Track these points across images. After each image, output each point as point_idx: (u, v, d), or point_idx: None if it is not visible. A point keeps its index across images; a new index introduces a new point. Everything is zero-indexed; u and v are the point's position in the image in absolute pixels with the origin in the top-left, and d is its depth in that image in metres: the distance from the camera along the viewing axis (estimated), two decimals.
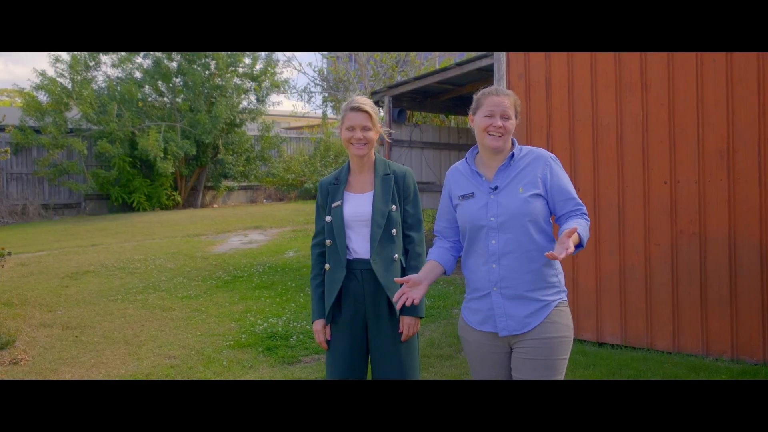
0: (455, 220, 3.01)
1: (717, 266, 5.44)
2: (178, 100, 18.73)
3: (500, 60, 6.85)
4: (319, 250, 3.46)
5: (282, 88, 20.04)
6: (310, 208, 18.15)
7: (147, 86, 18.59)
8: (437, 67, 11.78)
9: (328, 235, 3.37)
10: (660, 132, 5.70)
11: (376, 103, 9.89)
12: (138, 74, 18.69)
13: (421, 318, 3.35)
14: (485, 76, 9.06)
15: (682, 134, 5.59)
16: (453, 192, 3.03)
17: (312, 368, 5.48)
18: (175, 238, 13.17)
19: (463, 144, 10.93)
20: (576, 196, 2.87)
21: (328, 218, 3.37)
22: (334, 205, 3.36)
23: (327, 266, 3.37)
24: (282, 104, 57.75)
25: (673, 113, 5.63)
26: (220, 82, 18.93)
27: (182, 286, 8.62)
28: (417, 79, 9.34)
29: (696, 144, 5.50)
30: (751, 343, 5.31)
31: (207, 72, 18.57)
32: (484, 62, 8.23)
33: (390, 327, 3.30)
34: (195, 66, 18.21)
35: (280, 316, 6.91)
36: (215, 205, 20.33)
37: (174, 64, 18.49)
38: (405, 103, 9.99)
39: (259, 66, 19.73)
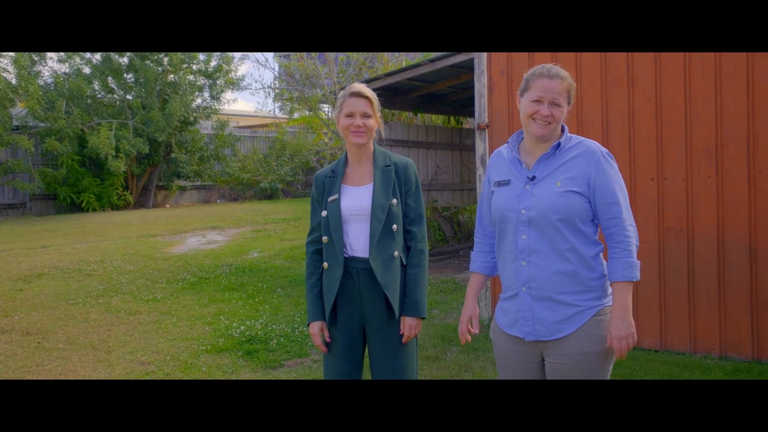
0: None
1: (705, 263, 5.41)
2: (129, 97, 18.14)
3: (481, 56, 6.73)
4: (314, 247, 3.25)
5: (238, 86, 19.64)
6: (267, 207, 17.82)
7: (96, 82, 17.95)
8: (404, 64, 11.62)
9: (324, 231, 3.16)
10: (647, 128, 5.65)
11: None
12: (87, 69, 18.04)
13: (423, 318, 3.17)
14: (457, 73, 8.94)
15: (669, 130, 5.55)
16: (491, 177, 2.84)
17: (296, 372, 5.25)
18: (130, 239, 12.71)
19: (432, 142, 10.80)
20: (621, 201, 2.58)
21: (323, 213, 3.16)
22: (330, 199, 3.15)
23: (325, 265, 3.16)
24: (237, 102, 56.99)
25: (661, 109, 5.58)
26: (174, 79, 18.43)
27: (146, 289, 8.26)
28: (388, 75, 9.15)
29: (684, 140, 5.47)
30: (739, 341, 5.30)
31: (160, 68, 18.04)
32: (458, 58, 8.08)
33: (389, 329, 3.11)
34: (147, 62, 17.67)
35: (256, 319, 6.65)
36: (168, 205, 19.77)
37: (125, 60, 17.91)
38: None
39: (213, 63, 19.29)
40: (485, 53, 6.66)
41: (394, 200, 3.10)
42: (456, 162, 11.16)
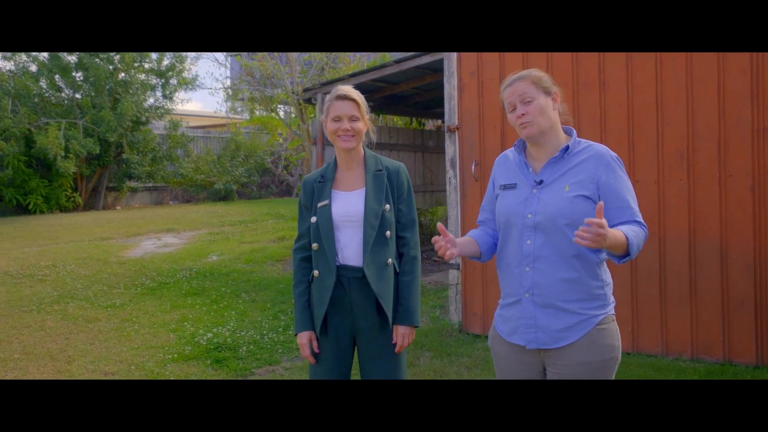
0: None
1: (676, 266, 5.45)
2: (78, 96, 17.62)
3: (451, 57, 6.67)
4: (302, 254, 3.13)
5: (192, 85, 19.27)
6: (222, 209, 17.52)
7: (44, 80, 17.38)
8: (365, 65, 11.53)
9: (314, 238, 3.04)
10: (618, 131, 5.67)
11: (308, 100, 9.54)
12: (33, 67, 17.45)
13: (416, 327, 3.08)
14: (422, 74, 8.89)
15: (641, 134, 5.57)
16: (497, 180, 2.76)
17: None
18: (81, 242, 12.31)
19: (394, 143, 10.72)
20: (635, 206, 2.51)
21: (313, 219, 3.05)
22: (320, 204, 3.03)
23: (316, 273, 3.04)
24: (191, 102, 56.05)
25: (632, 113, 5.60)
26: (125, 78, 17.97)
27: (103, 294, 7.97)
28: (352, 76, 9.04)
29: (655, 144, 5.50)
30: (710, 343, 5.34)
31: (111, 66, 17.56)
32: (424, 59, 8.04)
33: (381, 339, 3.01)
34: (97, 60, 17.18)
35: (222, 326, 6.46)
36: (118, 207, 19.27)
37: (74, 58, 17.38)
38: None
39: (166, 62, 18.88)
40: (455, 54, 6.61)
41: (387, 206, 3.00)
42: (419, 164, 11.11)
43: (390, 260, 3.00)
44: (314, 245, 3.03)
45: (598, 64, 5.73)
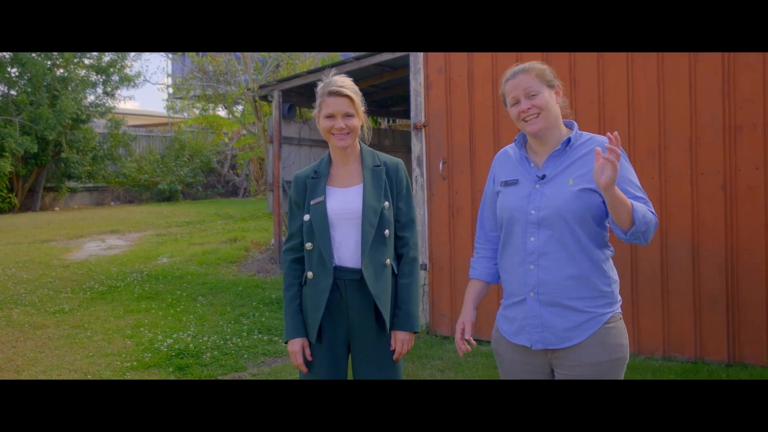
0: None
1: (648, 264, 5.43)
2: (14, 92, 16.87)
3: (417, 54, 6.54)
4: (293, 255, 2.92)
5: (134, 82, 18.70)
6: (167, 210, 17.05)
7: None
8: (319, 63, 11.31)
9: (308, 236, 2.84)
10: (590, 130, 5.57)
11: (265, 97, 9.28)
12: None
13: (416, 333, 2.92)
14: (380, 72, 8.74)
15: (612, 129, 5.52)
16: (497, 176, 2.64)
17: None
18: (20, 244, 11.76)
19: None
20: (642, 193, 2.44)
21: (306, 217, 2.84)
22: (313, 201, 2.83)
23: (309, 274, 2.85)
24: (135, 99, 54.59)
25: (603, 111, 5.57)
26: (64, 74, 17.28)
27: (50, 299, 7.57)
28: (310, 73, 8.82)
29: (627, 142, 5.47)
30: (682, 341, 5.34)
31: (49, 62, 16.87)
32: (385, 56, 7.89)
33: (378, 345, 2.83)
34: (34, 56, 16.47)
35: (183, 331, 6.17)
36: (57, 208, 18.55)
37: (8, 53, 16.64)
38: (294, 98, 9.44)
39: (107, 58, 18.25)
40: (421, 52, 6.48)
41: (386, 203, 2.83)
42: None
43: (388, 261, 2.83)
44: (308, 245, 2.84)
45: (569, 63, 5.68)
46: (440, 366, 5.30)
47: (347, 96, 2.77)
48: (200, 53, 9.77)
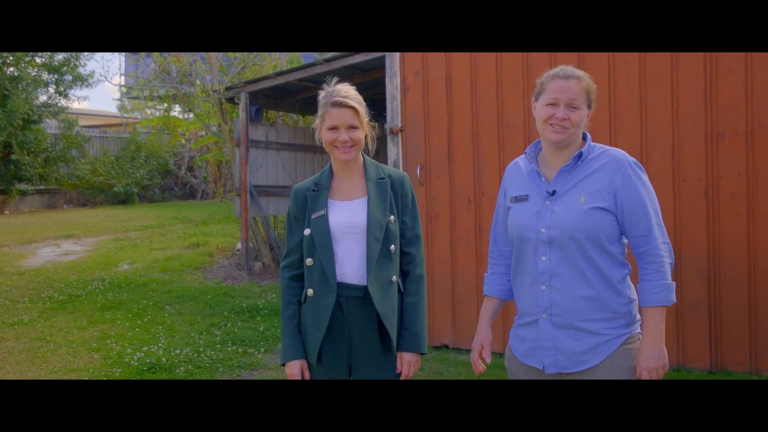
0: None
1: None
2: None
3: (393, 56, 6.41)
4: (292, 272, 2.77)
5: (87, 82, 18.17)
6: (124, 213, 16.60)
7: None
8: (284, 66, 11.10)
9: (308, 252, 2.69)
10: None
11: (231, 99, 9.04)
12: None
13: (423, 354, 2.76)
14: (351, 74, 8.58)
15: (593, 137, 5.46)
16: (507, 191, 2.54)
17: None
18: None
19: (318, 146, 10.33)
20: (652, 216, 2.32)
21: (307, 231, 2.69)
22: (315, 215, 2.68)
23: (310, 291, 2.69)
24: (89, 99, 53.28)
25: None
26: (15, 73, 16.68)
27: (6, 310, 7.22)
28: (279, 75, 8.62)
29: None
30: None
31: None
32: (357, 58, 7.75)
33: (383, 367, 2.69)
34: None
35: (152, 343, 5.92)
36: (6, 212, 17.88)
37: None
38: (261, 100, 9.22)
39: (60, 56, 17.68)
40: (397, 53, 6.35)
41: (392, 217, 2.68)
42: None
43: (395, 278, 2.69)
44: (308, 260, 2.69)
45: (549, 65, 5.57)
46: (420, 376, 5.18)
47: (352, 107, 2.63)
48: (164, 53, 9.47)
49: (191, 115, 20.36)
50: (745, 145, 5.02)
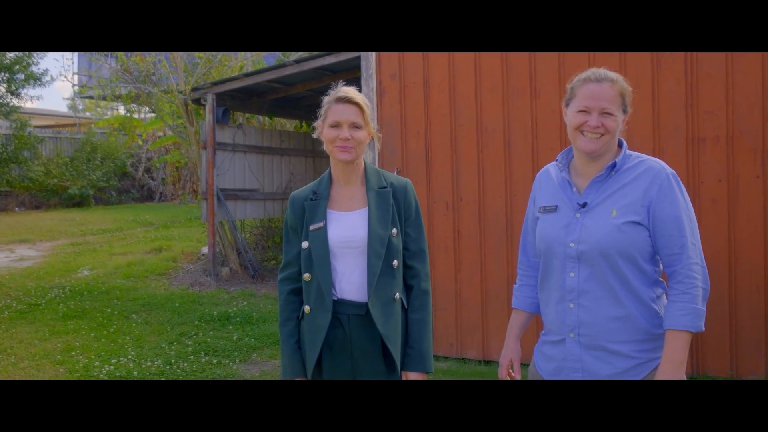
0: None
1: None
2: None
3: (369, 57, 6.28)
4: (290, 286, 2.62)
5: (40, 81, 17.61)
6: (80, 217, 16.14)
7: None
8: (250, 66, 10.88)
9: (305, 267, 2.54)
10: (551, 139, 5.51)
11: (197, 101, 8.80)
12: None
13: (429, 374, 2.63)
14: (320, 76, 8.43)
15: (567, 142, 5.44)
16: (537, 200, 2.40)
17: None
18: None
19: (286, 148, 10.17)
20: (687, 233, 2.15)
21: (304, 244, 2.54)
22: (313, 227, 2.53)
23: (306, 308, 2.55)
24: (43, 99, 51.79)
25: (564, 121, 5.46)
26: None
27: None
28: (247, 75, 8.42)
29: None
30: None
31: None
32: (328, 60, 7.60)
33: None
34: None
35: (121, 355, 5.67)
36: None
37: None
38: (228, 101, 8.99)
39: (11, 54, 17.10)
40: (373, 54, 6.22)
41: (394, 230, 2.54)
42: (309, 169, 10.64)
43: (397, 295, 2.54)
44: (306, 275, 2.54)
45: (528, 69, 5.55)
46: None
47: (357, 104, 2.50)
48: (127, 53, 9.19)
49: (149, 116, 19.97)
50: (725, 150, 5.02)
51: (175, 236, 12.34)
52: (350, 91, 2.53)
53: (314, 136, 2.64)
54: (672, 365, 2.09)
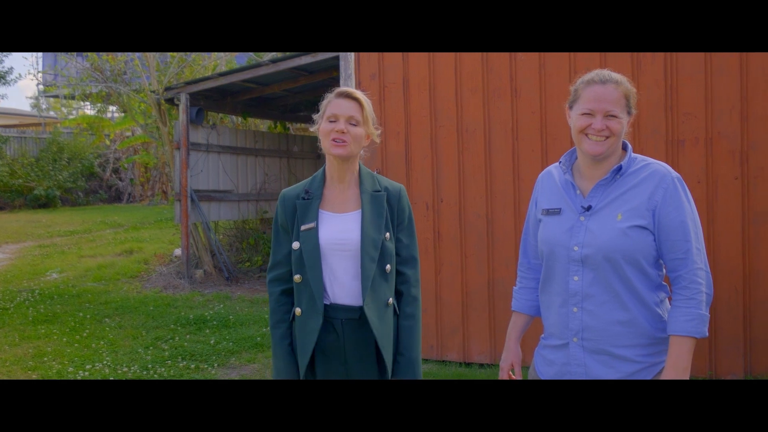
0: None
1: None
2: None
3: (348, 57, 6.23)
4: (281, 287, 2.56)
5: (4, 79, 17.25)
6: (46, 218, 15.82)
7: None
8: (224, 66, 10.74)
9: (296, 268, 2.48)
10: (532, 140, 5.51)
11: (170, 100, 8.65)
12: None
13: None
14: (296, 76, 8.35)
15: (555, 143, 5.45)
16: (539, 201, 2.36)
17: None
18: None
19: (260, 149, 10.05)
20: (692, 238, 2.14)
21: (295, 245, 2.48)
22: (304, 227, 2.47)
23: (298, 311, 2.49)
24: (8, 98, 50.66)
25: (546, 121, 5.47)
26: None
27: None
28: (222, 75, 8.30)
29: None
30: None
31: None
32: (304, 60, 7.52)
33: None
34: None
35: (96, 360, 5.53)
36: None
37: None
38: (202, 101, 8.86)
39: None
40: (353, 54, 6.17)
41: (387, 234, 2.49)
42: (284, 170, 10.54)
43: (390, 300, 2.50)
44: (296, 277, 2.48)
45: (509, 70, 5.54)
46: None
47: (356, 99, 2.46)
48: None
49: (116, 116, 19.66)
50: (704, 152, 5.06)
51: (145, 238, 12.15)
52: (352, 89, 2.50)
53: (312, 129, 2.58)
54: (676, 371, 2.09)
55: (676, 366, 2.09)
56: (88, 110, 21.24)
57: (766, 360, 5.05)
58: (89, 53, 9.17)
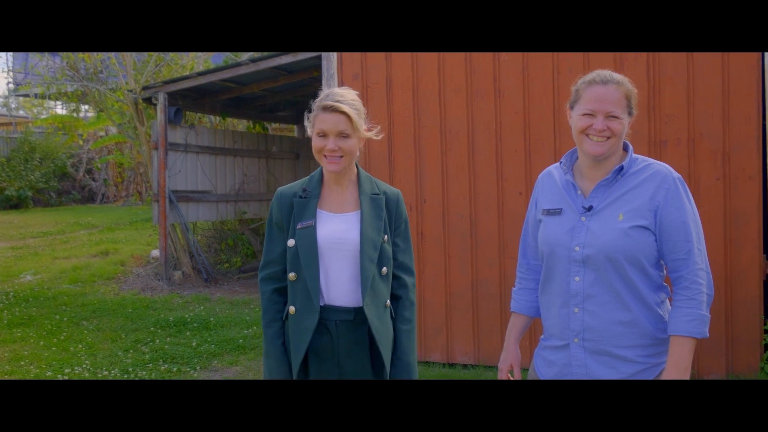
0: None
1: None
2: None
3: (330, 57, 6.18)
4: (274, 285, 2.52)
5: None
6: (18, 219, 15.56)
7: None
8: (202, 66, 10.64)
9: (292, 266, 2.45)
10: (515, 141, 5.52)
11: (148, 100, 8.54)
12: None
13: None
14: (276, 75, 8.28)
15: (538, 144, 5.46)
16: (539, 201, 2.36)
17: None
18: None
19: (238, 149, 9.97)
20: (693, 238, 2.14)
21: (291, 242, 2.45)
22: (301, 225, 2.44)
23: (291, 309, 2.46)
24: None
25: (529, 122, 5.48)
26: None
27: None
28: (201, 74, 8.21)
29: (553, 154, 5.40)
30: None
31: None
32: (285, 59, 7.46)
33: None
34: None
35: (75, 364, 5.43)
36: None
37: None
38: (181, 101, 8.76)
39: None
40: (335, 54, 6.13)
41: (385, 236, 2.48)
42: (263, 170, 10.46)
43: (388, 302, 2.50)
44: (291, 275, 2.45)
45: (493, 71, 5.55)
46: None
47: (343, 113, 2.37)
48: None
49: (89, 115, 19.40)
50: (686, 152, 5.11)
51: (121, 239, 11.99)
52: (338, 98, 2.40)
53: (305, 123, 2.55)
54: (677, 371, 2.09)
55: (677, 366, 2.10)
56: (59, 110, 20.95)
57: (747, 359, 5.11)
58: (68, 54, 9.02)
